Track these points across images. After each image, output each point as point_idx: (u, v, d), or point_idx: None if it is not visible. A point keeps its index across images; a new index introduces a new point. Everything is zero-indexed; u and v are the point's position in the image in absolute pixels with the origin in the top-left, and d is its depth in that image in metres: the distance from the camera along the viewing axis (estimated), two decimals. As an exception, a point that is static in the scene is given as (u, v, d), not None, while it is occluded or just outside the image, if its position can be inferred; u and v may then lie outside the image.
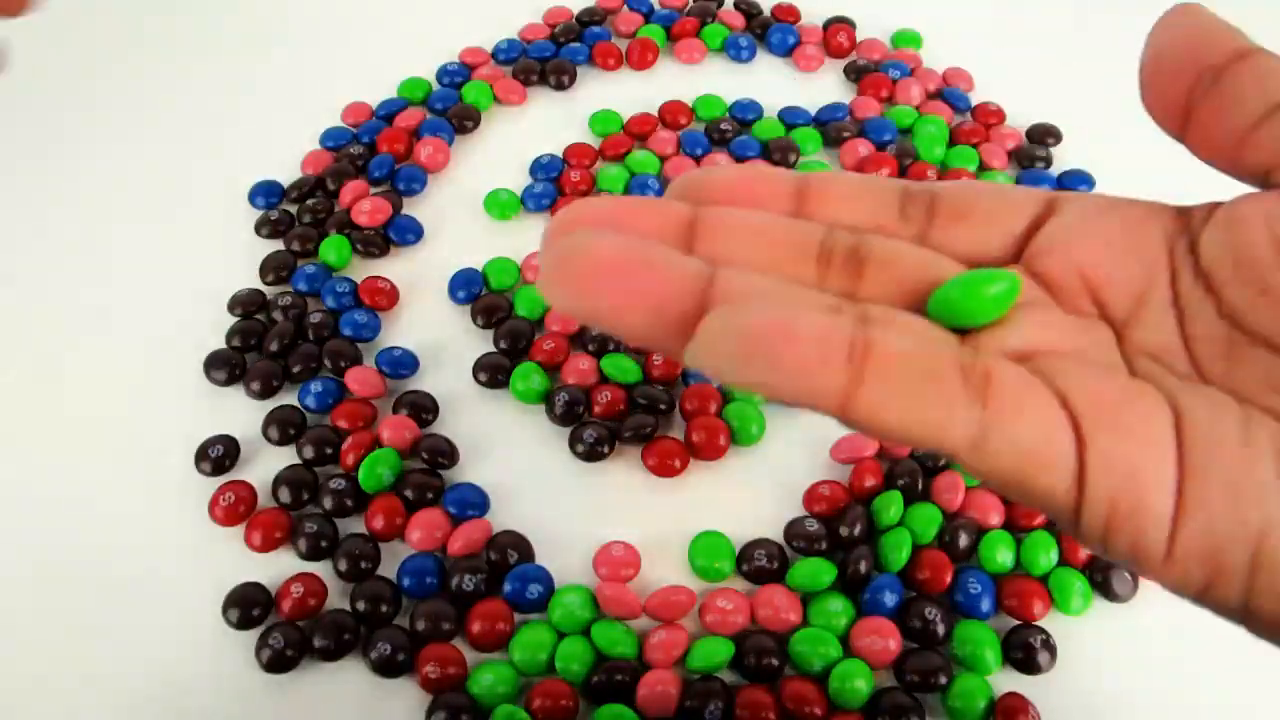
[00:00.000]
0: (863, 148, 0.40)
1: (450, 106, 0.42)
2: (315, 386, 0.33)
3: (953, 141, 0.41)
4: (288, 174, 0.40)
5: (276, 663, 0.27)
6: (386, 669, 0.27)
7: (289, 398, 0.33)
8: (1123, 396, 0.15)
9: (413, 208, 0.39)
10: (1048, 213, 0.18)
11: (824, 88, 0.44)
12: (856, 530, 0.29)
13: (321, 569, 0.30)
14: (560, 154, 0.40)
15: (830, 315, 0.14)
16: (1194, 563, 0.14)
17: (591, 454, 0.32)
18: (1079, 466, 0.14)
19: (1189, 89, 0.17)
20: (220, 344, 0.34)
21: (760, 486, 0.32)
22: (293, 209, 0.39)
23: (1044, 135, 0.41)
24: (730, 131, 0.41)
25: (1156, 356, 0.17)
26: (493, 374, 0.34)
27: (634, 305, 0.15)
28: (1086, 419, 0.15)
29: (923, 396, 0.14)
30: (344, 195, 0.39)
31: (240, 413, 0.33)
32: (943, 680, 0.27)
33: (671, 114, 0.42)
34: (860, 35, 0.45)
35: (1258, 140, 0.17)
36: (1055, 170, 0.40)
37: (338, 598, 0.29)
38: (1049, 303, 0.18)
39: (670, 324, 0.15)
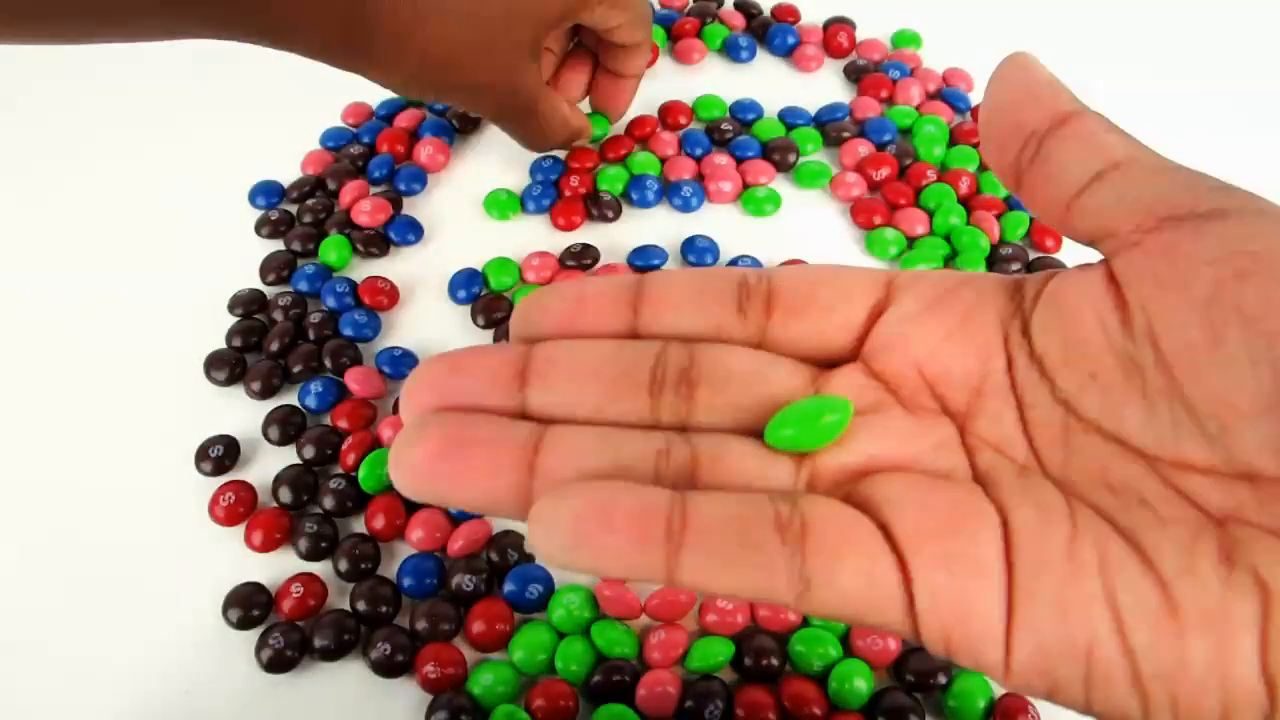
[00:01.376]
0: (863, 148, 0.40)
1: (450, 106, 0.42)
2: (315, 386, 0.33)
3: (953, 141, 0.41)
4: (288, 174, 0.40)
5: (276, 663, 0.27)
6: (386, 669, 0.27)
7: (289, 398, 0.33)
8: (950, 519, 0.15)
9: (413, 208, 0.39)
10: (886, 300, 0.18)
11: (824, 88, 0.44)
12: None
13: (321, 569, 0.30)
14: (559, 154, 0.40)
15: (646, 493, 0.15)
16: (1032, 677, 0.15)
17: (591, 454, 0.32)
18: (908, 600, 0.15)
19: (1017, 155, 0.17)
20: (220, 344, 0.34)
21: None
22: (293, 209, 0.39)
23: (1044, 135, 0.41)
24: (730, 131, 0.41)
25: (998, 448, 0.17)
26: (493, 374, 0.33)
27: (468, 488, 0.16)
28: (911, 554, 0.15)
29: (741, 564, 0.15)
30: (344, 195, 0.39)
31: (240, 413, 0.33)
32: (943, 680, 0.27)
33: (671, 114, 0.42)
34: (860, 35, 0.45)
35: (1081, 209, 0.17)
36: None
37: (338, 598, 0.29)
38: (889, 404, 0.18)
39: (507, 496, 0.16)
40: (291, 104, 0.43)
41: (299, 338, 0.35)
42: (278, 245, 0.38)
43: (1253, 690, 0.14)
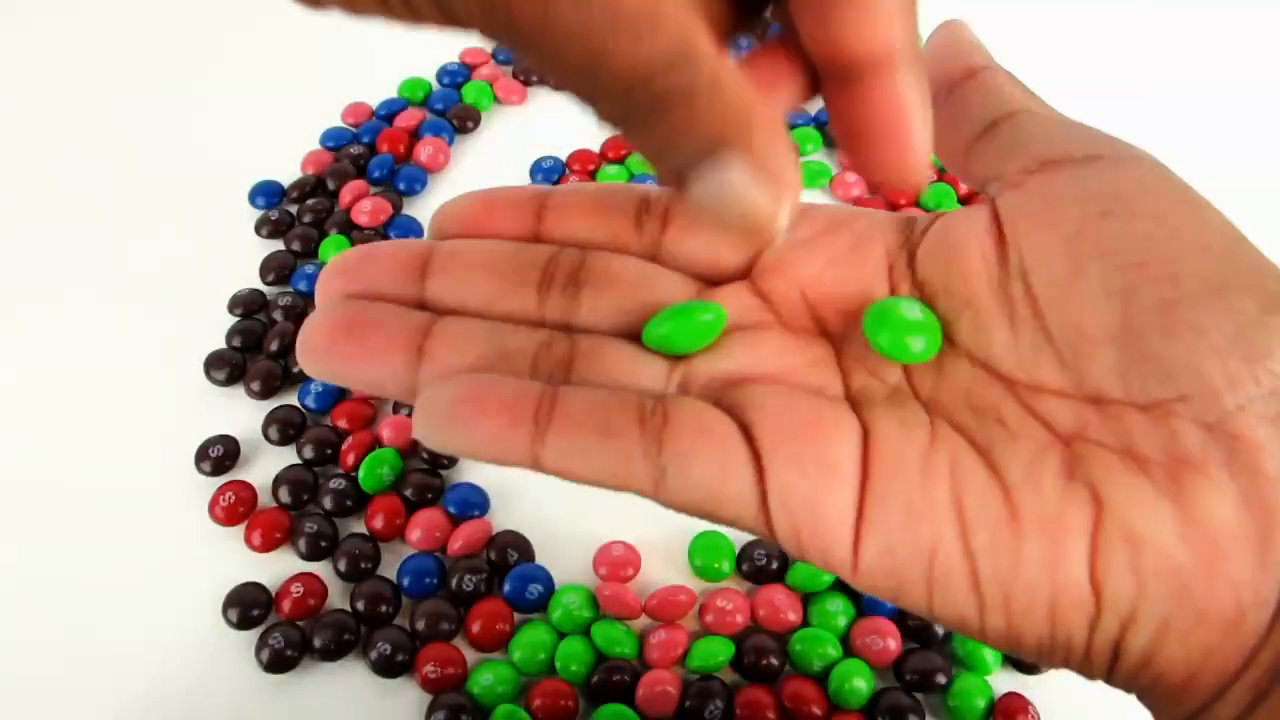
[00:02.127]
0: (863, 148, 0.40)
1: (450, 106, 0.42)
2: (315, 386, 0.33)
3: (953, 142, 0.41)
4: (288, 174, 0.40)
5: (276, 663, 0.27)
6: (386, 669, 0.27)
7: (289, 398, 0.33)
8: (810, 425, 0.16)
9: (413, 208, 0.39)
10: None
11: (824, 88, 0.44)
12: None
13: (321, 569, 0.30)
14: (560, 154, 0.40)
15: (519, 384, 0.16)
16: (878, 576, 0.15)
17: (591, 454, 0.32)
18: (761, 497, 0.16)
19: (932, 104, 0.18)
20: (220, 344, 0.34)
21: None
22: (293, 209, 0.39)
23: (1044, 135, 0.41)
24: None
25: (872, 371, 0.18)
26: (493, 374, 0.33)
27: (361, 368, 0.17)
28: (767, 452, 0.16)
29: (600, 451, 0.16)
30: (344, 195, 0.39)
31: (240, 413, 0.33)
32: (943, 680, 0.27)
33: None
34: (860, 35, 0.45)
35: (977, 153, 0.18)
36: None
37: (338, 598, 0.29)
38: (769, 323, 0.18)
39: (396, 378, 0.17)
40: (291, 104, 0.43)
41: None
42: (278, 245, 0.38)
43: (1080, 592, 0.14)
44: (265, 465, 0.32)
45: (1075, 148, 0.17)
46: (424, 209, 0.39)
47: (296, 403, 0.33)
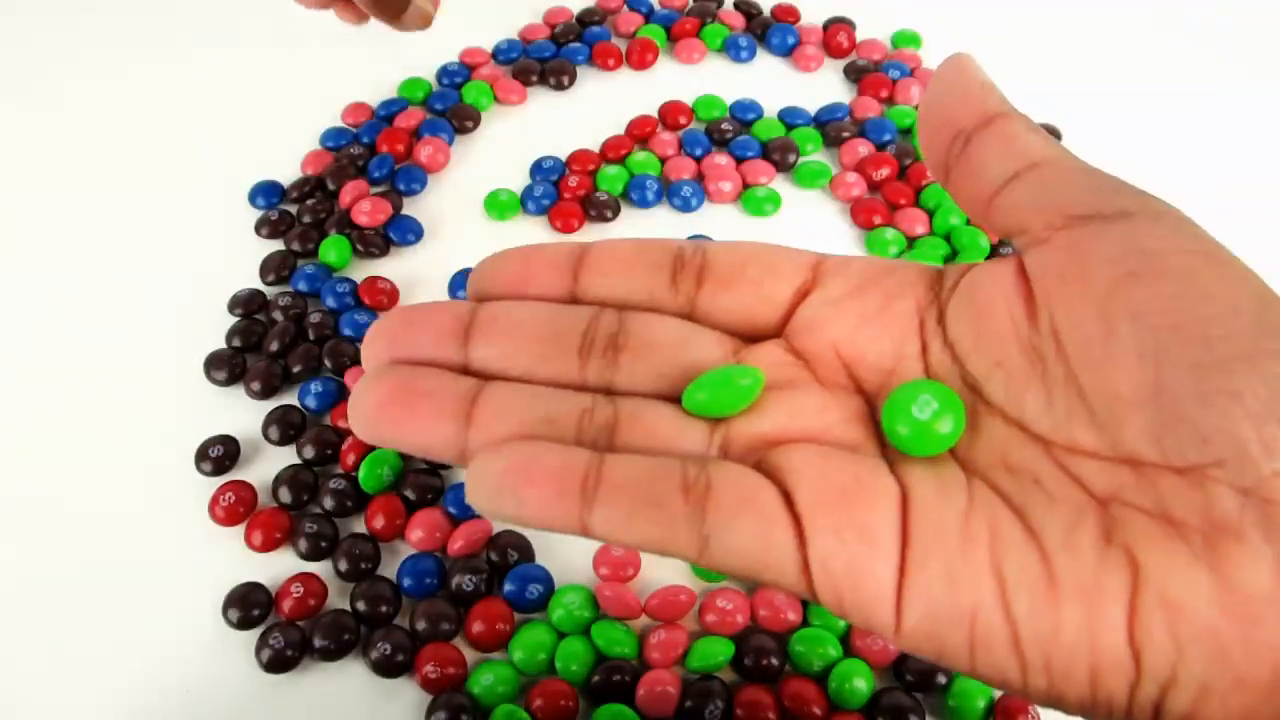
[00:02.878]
0: (863, 148, 0.40)
1: (450, 106, 0.42)
2: (315, 386, 0.33)
3: (953, 141, 0.41)
4: (288, 174, 0.40)
5: (276, 663, 0.27)
6: (386, 669, 0.27)
7: (289, 398, 0.33)
8: (849, 490, 0.16)
9: (413, 208, 0.39)
10: (813, 282, 0.19)
11: (824, 88, 0.44)
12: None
13: (321, 569, 0.30)
14: (560, 155, 0.40)
15: (567, 453, 0.17)
16: (921, 639, 0.16)
17: (591, 454, 0.32)
18: (803, 563, 0.16)
19: (946, 150, 0.18)
20: (220, 344, 0.34)
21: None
22: (293, 209, 0.39)
23: (1044, 135, 0.41)
24: (730, 131, 0.41)
25: None
26: (493, 374, 0.33)
27: (411, 434, 0.17)
28: (807, 520, 0.16)
29: (646, 520, 0.16)
30: (344, 195, 0.39)
31: (240, 413, 0.33)
32: (943, 680, 0.27)
33: (671, 114, 0.42)
34: (860, 35, 0.45)
35: (1000, 206, 0.18)
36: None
37: (338, 598, 0.29)
38: (806, 380, 0.19)
39: (445, 443, 0.17)
40: (291, 104, 0.43)
41: (299, 338, 0.35)
42: (278, 245, 0.38)
43: (1119, 656, 0.15)
44: (265, 465, 0.32)
45: (1102, 202, 0.17)
46: (424, 209, 0.39)
47: (296, 403, 0.33)
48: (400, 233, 0.38)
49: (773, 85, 0.44)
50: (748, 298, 0.20)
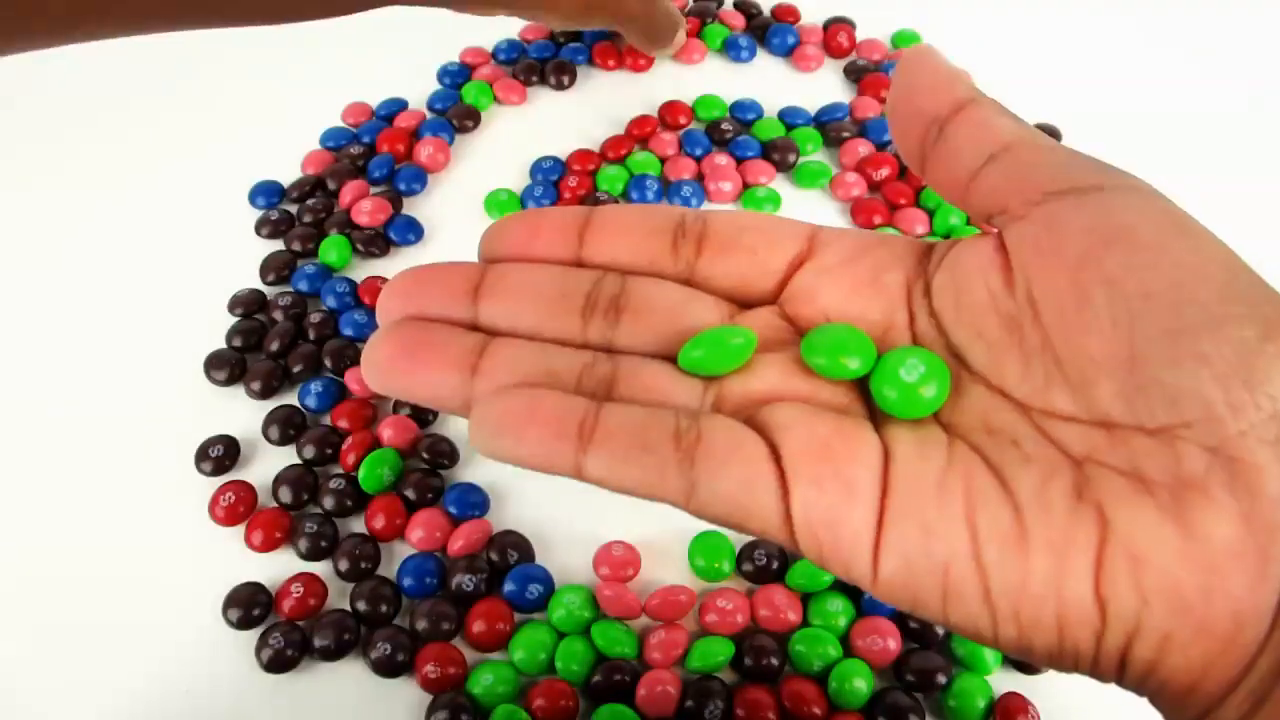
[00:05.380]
0: (863, 148, 0.40)
1: (450, 106, 0.42)
2: (315, 386, 0.33)
3: (953, 141, 0.41)
4: (288, 174, 0.40)
5: (276, 663, 0.27)
6: (386, 669, 0.27)
7: (289, 398, 0.33)
8: (833, 444, 0.17)
9: (413, 208, 0.39)
10: (808, 252, 0.20)
11: (824, 88, 0.44)
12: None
13: (321, 569, 0.30)
14: (560, 155, 0.40)
15: (567, 399, 0.17)
16: (896, 588, 0.16)
17: (591, 454, 0.32)
18: (785, 511, 0.17)
19: (920, 140, 0.19)
20: (220, 344, 0.34)
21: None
22: (293, 209, 0.39)
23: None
24: (730, 131, 0.41)
25: None
26: (493, 374, 0.33)
27: (420, 384, 0.19)
28: (791, 470, 0.17)
29: (638, 464, 0.17)
30: (344, 195, 0.39)
31: (240, 413, 0.33)
32: (943, 680, 0.27)
33: (671, 114, 0.42)
34: (860, 35, 0.45)
35: (977, 188, 0.18)
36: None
37: (338, 598, 0.29)
38: (797, 344, 0.19)
39: (451, 394, 0.18)
40: (291, 104, 0.43)
41: (299, 338, 0.35)
42: (278, 245, 0.38)
43: (1085, 606, 0.15)
44: (265, 465, 0.32)
45: (1076, 178, 0.17)
46: (424, 209, 0.39)
47: (296, 403, 0.33)
48: (400, 233, 0.38)
49: (773, 85, 0.44)
50: (744, 265, 0.20)
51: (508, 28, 0.46)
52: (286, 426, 0.32)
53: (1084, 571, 0.15)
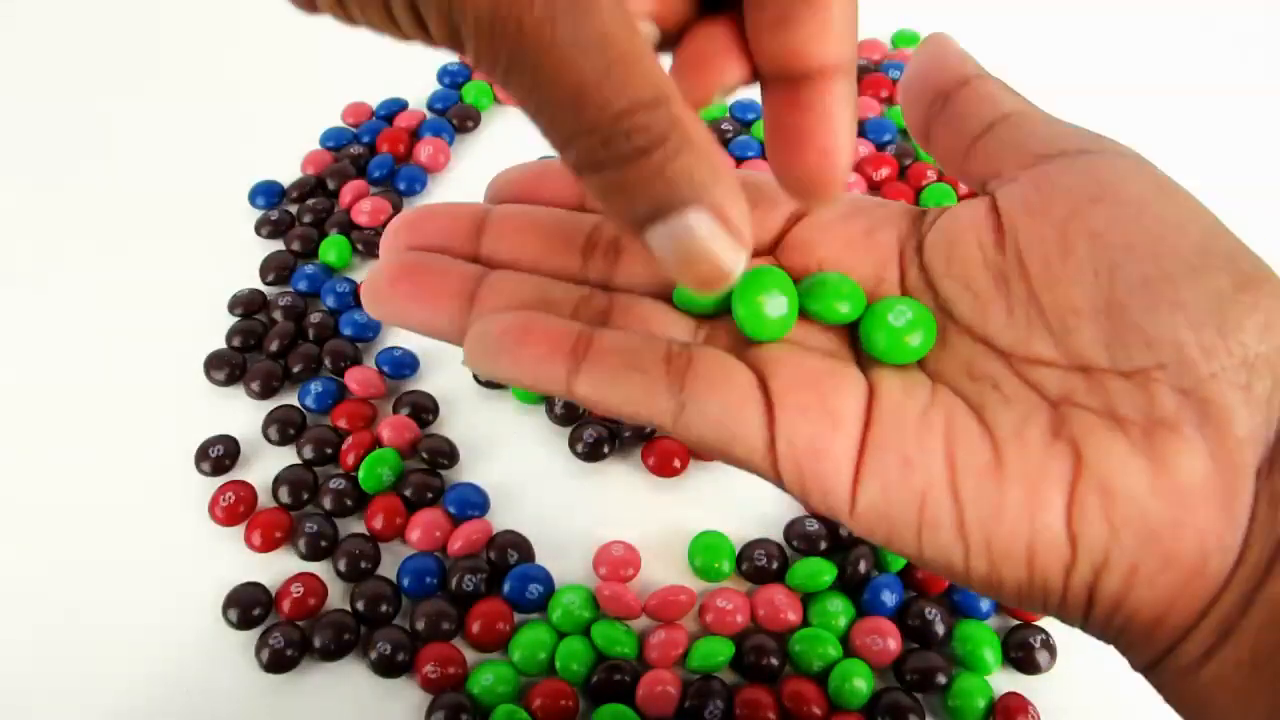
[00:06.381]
0: (863, 148, 0.40)
1: (450, 106, 0.42)
2: (315, 386, 0.33)
3: (953, 141, 0.41)
4: (288, 174, 0.40)
5: (276, 663, 0.27)
6: (386, 669, 0.27)
7: (289, 398, 0.33)
8: (818, 379, 0.18)
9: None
10: (805, 210, 0.21)
11: (824, 88, 0.44)
12: (856, 530, 0.29)
13: (321, 569, 0.30)
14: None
15: (561, 321, 0.18)
16: (873, 518, 0.17)
17: (592, 454, 0.32)
18: (770, 439, 0.17)
19: (926, 110, 0.20)
20: (220, 344, 0.34)
21: (760, 486, 0.31)
22: (293, 209, 0.39)
23: (1044, 135, 0.41)
24: (730, 132, 0.41)
25: None
26: (493, 374, 0.33)
27: (417, 309, 0.19)
28: (778, 399, 0.17)
29: (628, 383, 0.17)
30: (344, 195, 0.39)
31: (240, 413, 0.33)
32: (943, 680, 0.27)
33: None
34: (860, 35, 0.45)
35: (975, 154, 0.19)
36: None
37: (338, 598, 0.29)
38: None
39: (448, 320, 0.19)
40: (291, 104, 0.43)
41: (299, 338, 0.35)
42: (278, 245, 0.38)
43: (1056, 537, 0.16)
44: (265, 465, 0.32)
45: (1067, 143, 0.18)
46: (424, 209, 0.39)
47: (296, 403, 0.33)
48: (400, 233, 0.38)
49: (773, 85, 0.44)
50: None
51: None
52: (286, 426, 0.32)
53: (1057, 503, 0.16)
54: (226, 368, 0.33)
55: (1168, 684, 0.17)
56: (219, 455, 0.31)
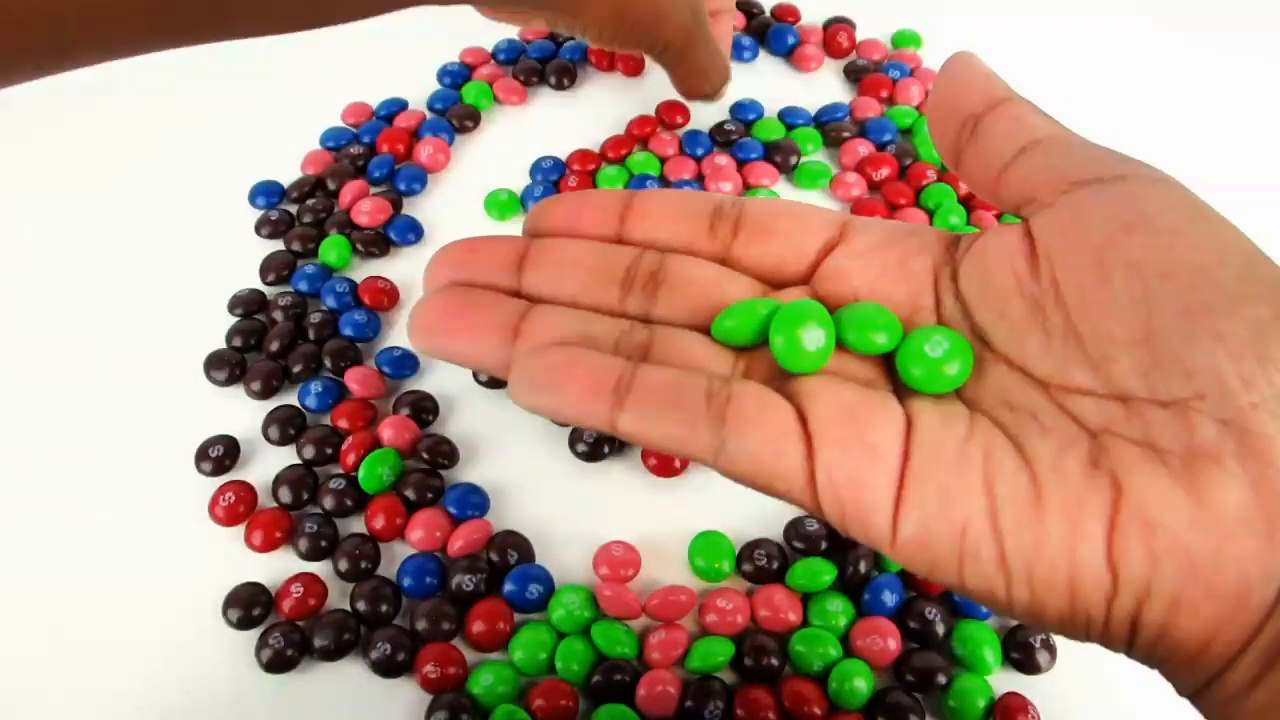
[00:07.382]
0: (863, 148, 0.40)
1: (450, 106, 0.42)
2: (315, 386, 0.33)
3: (953, 142, 0.41)
4: (288, 174, 0.40)
5: (276, 663, 0.27)
6: (386, 669, 0.27)
7: (289, 398, 0.33)
8: (858, 412, 0.18)
9: (413, 208, 0.39)
10: (839, 238, 0.21)
11: (824, 88, 0.44)
12: (856, 530, 0.29)
13: (321, 569, 0.30)
14: (560, 154, 0.40)
15: (605, 358, 0.18)
16: (914, 549, 0.17)
17: (592, 454, 0.32)
18: (810, 473, 0.17)
19: (956, 134, 0.20)
20: (220, 344, 0.34)
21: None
22: (293, 209, 0.39)
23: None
24: (731, 132, 0.41)
25: None
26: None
27: (463, 344, 0.20)
28: (817, 433, 0.17)
29: (670, 420, 0.18)
30: (344, 195, 0.39)
31: (240, 413, 0.33)
32: (943, 680, 0.27)
33: (670, 114, 0.42)
34: (860, 35, 0.45)
35: (1007, 179, 0.19)
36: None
37: (338, 598, 0.29)
38: None
39: (493, 354, 0.19)
40: (291, 104, 0.43)
41: (299, 338, 0.35)
42: (278, 245, 0.38)
43: (1097, 569, 0.16)
44: (265, 465, 0.32)
45: (1102, 169, 0.18)
46: (424, 209, 0.39)
47: (296, 403, 0.33)
48: (400, 233, 0.38)
49: (773, 85, 0.44)
50: (778, 247, 0.21)
51: (508, 28, 0.46)
52: (286, 426, 0.32)
53: (1097, 535, 0.16)
54: (226, 368, 0.33)
55: (1214, 711, 0.16)
56: (219, 455, 0.31)
